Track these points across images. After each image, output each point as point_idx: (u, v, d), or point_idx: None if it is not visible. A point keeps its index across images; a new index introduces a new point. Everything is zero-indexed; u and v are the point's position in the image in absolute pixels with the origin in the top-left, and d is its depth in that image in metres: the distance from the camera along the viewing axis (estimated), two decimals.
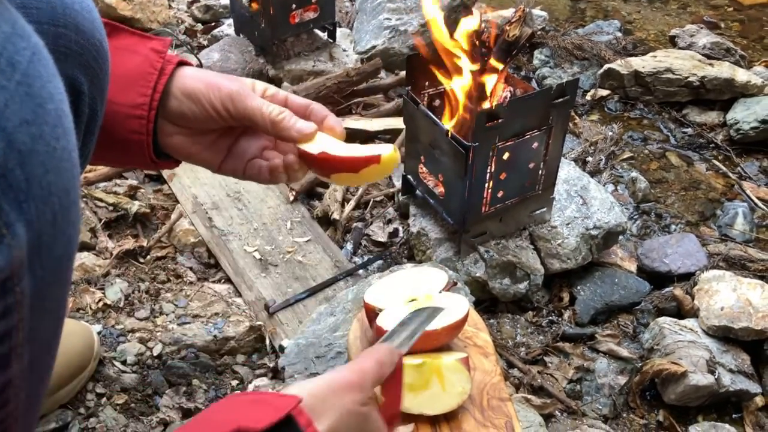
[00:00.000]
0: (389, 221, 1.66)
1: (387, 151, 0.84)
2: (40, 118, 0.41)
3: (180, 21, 2.40)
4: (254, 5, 2.01)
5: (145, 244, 1.51)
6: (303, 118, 0.78)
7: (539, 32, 2.43)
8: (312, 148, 0.78)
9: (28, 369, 0.46)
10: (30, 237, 0.41)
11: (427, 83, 1.46)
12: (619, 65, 2.21)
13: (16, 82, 0.39)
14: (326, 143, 0.80)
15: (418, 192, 1.56)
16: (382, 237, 1.62)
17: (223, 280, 1.49)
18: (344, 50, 2.20)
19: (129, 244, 1.49)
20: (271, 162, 0.81)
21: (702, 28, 2.51)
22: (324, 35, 2.21)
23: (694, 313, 1.42)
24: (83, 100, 0.61)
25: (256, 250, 1.53)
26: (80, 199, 0.69)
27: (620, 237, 1.60)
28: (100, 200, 1.57)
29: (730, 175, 1.94)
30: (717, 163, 1.99)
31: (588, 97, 2.25)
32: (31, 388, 0.49)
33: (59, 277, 0.48)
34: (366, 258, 1.57)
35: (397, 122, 1.77)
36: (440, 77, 1.41)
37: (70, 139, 0.44)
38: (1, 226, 0.38)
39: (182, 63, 0.76)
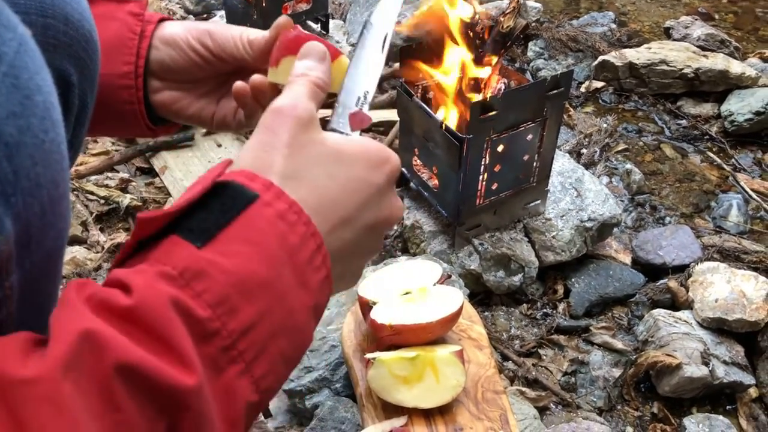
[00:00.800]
0: None
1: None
2: (28, 110, 0.40)
3: (172, 12, 2.38)
4: None
5: None
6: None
7: (534, 24, 2.42)
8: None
9: None
10: (18, 230, 0.40)
11: (420, 75, 1.45)
12: (613, 57, 2.21)
13: (2, 74, 0.38)
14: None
15: (412, 184, 1.56)
16: None
17: None
18: (337, 42, 2.19)
19: (121, 237, 1.48)
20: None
21: (696, 19, 2.51)
22: (317, 27, 2.19)
23: (688, 305, 1.43)
24: (73, 91, 0.59)
25: None
26: (70, 191, 0.67)
27: (615, 229, 1.60)
28: (92, 193, 1.56)
29: (725, 166, 1.94)
30: (711, 155, 1.99)
31: (582, 89, 2.24)
32: None
33: (49, 271, 0.47)
34: None
35: (391, 114, 1.76)
36: (430, 70, 1.40)
37: (58, 131, 0.44)
38: None
39: (163, 20, 0.72)
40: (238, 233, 0.44)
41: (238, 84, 0.66)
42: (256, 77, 0.66)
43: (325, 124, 0.56)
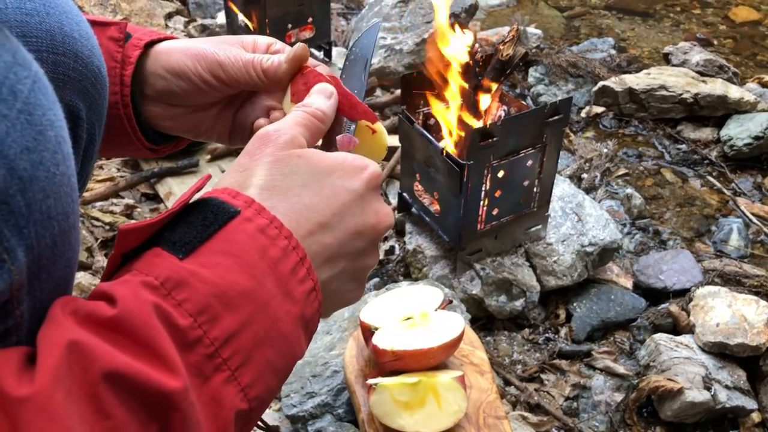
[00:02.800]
0: (385, 239, 1.66)
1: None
2: (41, 145, 0.41)
3: None
4: (251, 25, 2.03)
5: None
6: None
7: (534, 50, 2.45)
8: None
9: None
10: (29, 261, 0.41)
11: (422, 102, 1.47)
12: (613, 82, 2.23)
13: (17, 111, 0.40)
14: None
15: (413, 209, 1.57)
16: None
17: None
18: (339, 68, 2.22)
19: None
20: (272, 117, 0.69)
21: (695, 45, 2.53)
22: (320, 54, 2.22)
23: (689, 330, 1.43)
24: (81, 125, 0.61)
25: None
26: (79, 222, 0.68)
27: (616, 254, 1.61)
28: (97, 219, 1.57)
29: (725, 191, 1.96)
30: (711, 179, 2.00)
31: (583, 114, 2.26)
32: None
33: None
34: None
35: (393, 140, 1.78)
36: (432, 100, 1.42)
37: (69, 165, 0.45)
38: (2, 251, 0.39)
39: (154, 42, 0.69)
40: (219, 246, 0.45)
41: (260, 123, 0.68)
42: (278, 116, 0.67)
43: None
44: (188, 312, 0.42)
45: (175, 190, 1.73)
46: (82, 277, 1.43)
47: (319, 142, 0.60)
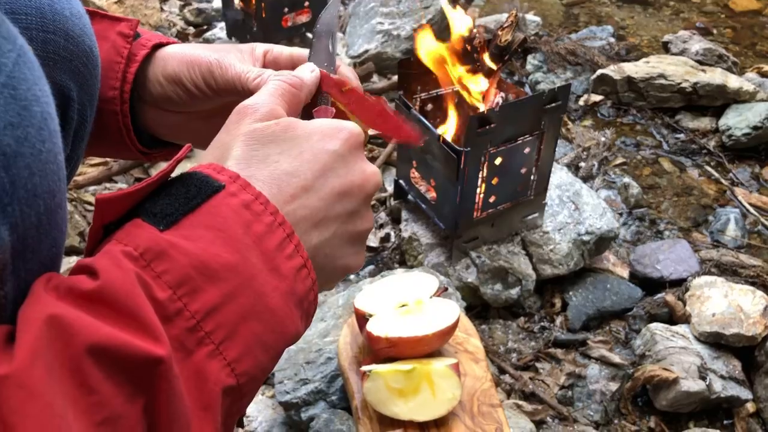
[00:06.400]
0: (381, 226, 1.66)
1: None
2: (26, 121, 0.40)
3: (172, 24, 2.39)
4: (247, 9, 2.01)
5: None
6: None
7: (532, 37, 2.44)
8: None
9: None
10: (14, 240, 0.40)
11: (419, 88, 1.46)
12: (612, 71, 2.22)
13: (0, 85, 0.39)
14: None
15: (410, 197, 1.56)
16: (373, 242, 1.61)
17: None
18: (337, 54, 2.20)
19: None
20: None
21: (695, 34, 2.52)
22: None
23: (685, 319, 1.42)
24: (72, 106, 0.60)
25: None
26: (67, 202, 0.66)
27: (612, 243, 1.60)
28: (90, 204, 1.56)
29: (722, 181, 1.95)
30: (709, 169, 2.00)
31: (581, 103, 2.25)
32: None
33: None
34: None
35: None
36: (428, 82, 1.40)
37: (56, 142, 0.44)
38: None
39: (160, 45, 0.68)
40: (202, 220, 0.44)
41: None
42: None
43: None
44: (167, 284, 0.41)
45: None
46: (74, 262, 1.42)
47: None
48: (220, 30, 2.28)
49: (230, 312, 0.43)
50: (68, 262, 1.42)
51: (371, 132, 0.68)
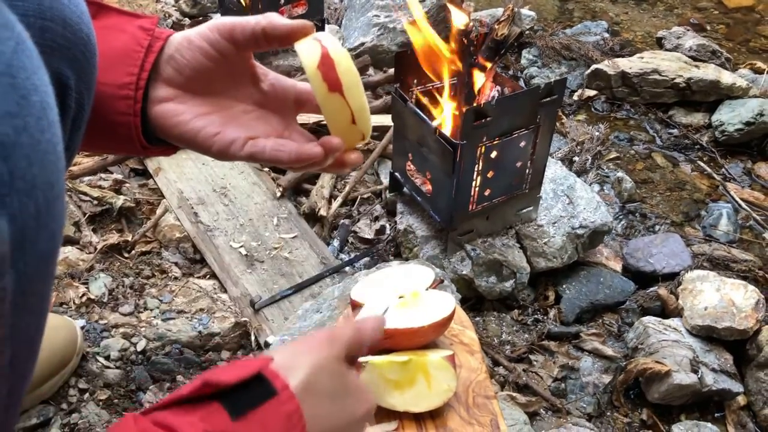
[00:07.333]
0: (376, 218, 1.66)
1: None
2: (25, 110, 0.40)
3: (167, 15, 2.38)
4: (244, 0, 2.00)
5: (129, 238, 1.50)
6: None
7: (527, 32, 2.44)
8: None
9: (9, 366, 0.46)
10: (13, 231, 0.40)
11: (415, 81, 1.46)
12: (606, 66, 2.22)
13: None
14: None
15: (405, 189, 1.56)
16: (369, 234, 1.62)
17: (208, 276, 1.48)
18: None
19: (113, 238, 1.48)
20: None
21: (688, 30, 2.53)
22: None
23: (678, 313, 1.43)
24: (70, 94, 0.59)
25: (242, 246, 1.52)
26: (65, 193, 0.66)
27: (606, 236, 1.61)
28: (85, 194, 1.55)
29: (715, 176, 1.96)
30: (702, 164, 2.01)
31: (575, 97, 2.25)
32: (12, 385, 0.48)
33: (42, 273, 0.47)
34: (353, 255, 1.57)
35: (385, 119, 1.77)
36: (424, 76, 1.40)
37: (54, 132, 0.44)
38: None
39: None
40: (260, 418, 0.57)
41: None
42: (334, 141, 0.72)
43: None
44: None
45: (164, 166, 1.71)
46: (69, 252, 1.42)
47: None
48: None
49: None
50: (63, 252, 1.42)
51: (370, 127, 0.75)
